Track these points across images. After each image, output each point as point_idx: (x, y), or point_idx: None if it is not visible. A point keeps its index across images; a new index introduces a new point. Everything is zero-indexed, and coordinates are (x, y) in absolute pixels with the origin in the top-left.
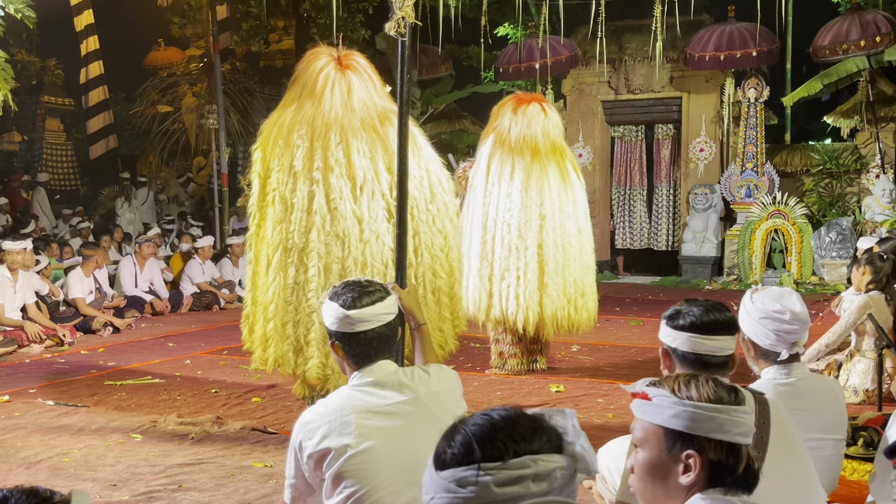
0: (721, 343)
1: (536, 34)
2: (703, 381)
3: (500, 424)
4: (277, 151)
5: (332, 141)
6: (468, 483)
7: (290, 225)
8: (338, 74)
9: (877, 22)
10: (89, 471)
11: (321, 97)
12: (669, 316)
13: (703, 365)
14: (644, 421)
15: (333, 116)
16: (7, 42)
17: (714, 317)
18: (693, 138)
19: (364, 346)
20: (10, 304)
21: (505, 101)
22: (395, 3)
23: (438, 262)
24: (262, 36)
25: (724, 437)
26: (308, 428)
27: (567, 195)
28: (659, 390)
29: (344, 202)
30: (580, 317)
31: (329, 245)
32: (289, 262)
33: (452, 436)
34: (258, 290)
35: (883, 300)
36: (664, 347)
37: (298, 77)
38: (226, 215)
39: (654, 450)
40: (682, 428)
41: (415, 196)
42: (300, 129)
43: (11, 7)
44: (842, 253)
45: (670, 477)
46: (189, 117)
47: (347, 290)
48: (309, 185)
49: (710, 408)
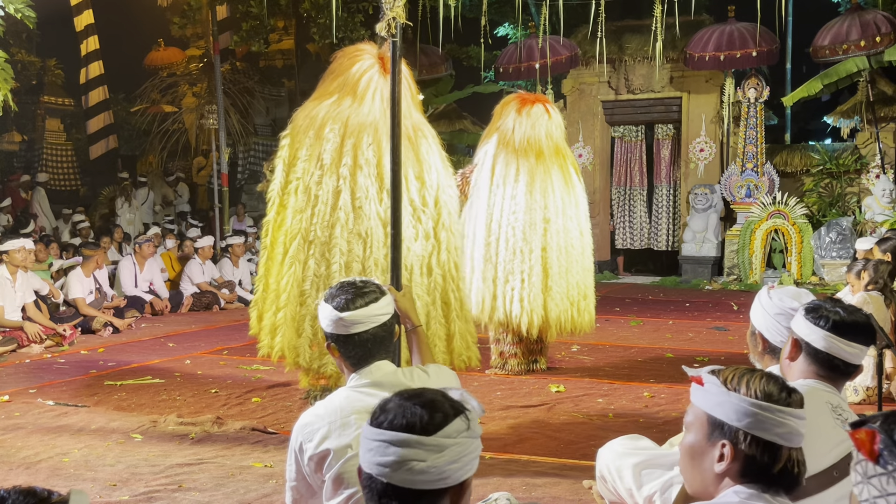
0: (857, 351)
1: (536, 34)
2: (757, 377)
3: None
4: (307, 142)
5: (365, 141)
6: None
7: (313, 217)
8: (381, 80)
9: (877, 22)
10: (89, 471)
11: (362, 99)
12: (810, 309)
13: (832, 367)
14: (694, 405)
15: (371, 119)
16: (7, 42)
17: (855, 319)
18: (693, 138)
19: (359, 347)
20: (10, 304)
21: (508, 101)
22: (386, 3)
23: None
24: (262, 36)
25: (762, 434)
26: (308, 430)
27: (570, 198)
28: (713, 378)
29: (369, 202)
30: (583, 319)
31: (351, 243)
32: (309, 255)
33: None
34: (271, 278)
35: (881, 300)
36: (794, 338)
37: (339, 72)
38: (226, 215)
39: (697, 434)
40: (722, 417)
41: (451, 213)
42: (333, 125)
43: (11, 7)
44: (842, 253)
45: (706, 462)
46: (189, 117)
47: (341, 292)
48: (336, 180)
49: (753, 403)
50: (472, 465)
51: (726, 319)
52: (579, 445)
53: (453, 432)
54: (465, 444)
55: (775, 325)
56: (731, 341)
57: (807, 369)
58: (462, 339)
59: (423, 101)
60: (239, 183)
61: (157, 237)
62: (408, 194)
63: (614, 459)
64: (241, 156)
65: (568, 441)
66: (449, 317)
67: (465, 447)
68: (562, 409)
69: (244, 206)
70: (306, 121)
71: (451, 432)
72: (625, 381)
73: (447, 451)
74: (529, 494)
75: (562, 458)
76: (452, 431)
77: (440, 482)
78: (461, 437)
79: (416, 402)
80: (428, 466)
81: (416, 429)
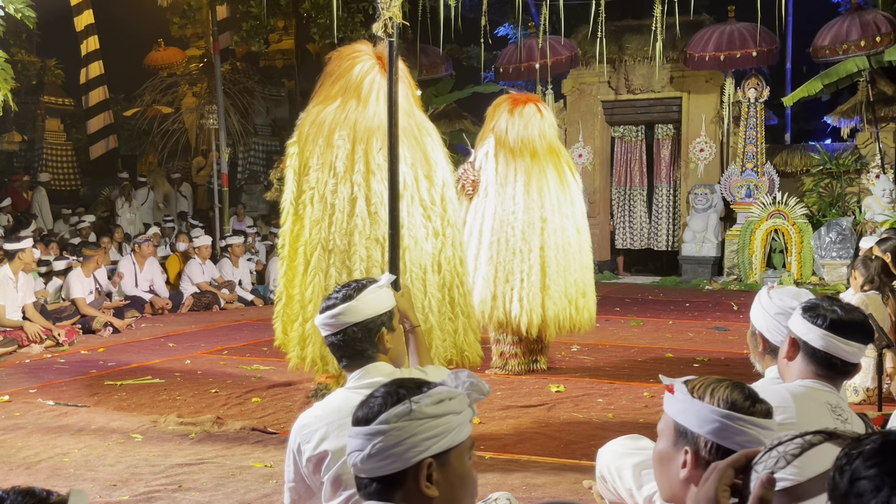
0: (855, 349)
1: (536, 34)
2: (723, 386)
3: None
4: (318, 150)
5: (375, 146)
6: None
7: (331, 226)
8: (383, 81)
9: (877, 22)
10: (89, 471)
11: (367, 102)
12: (807, 308)
13: (830, 366)
14: (665, 413)
15: (378, 123)
16: (7, 42)
17: (853, 317)
18: (693, 138)
19: (339, 349)
20: (12, 304)
21: (500, 102)
22: (382, 4)
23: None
24: (262, 36)
25: (722, 441)
26: (306, 431)
27: (565, 196)
28: (682, 386)
29: (384, 207)
30: (581, 317)
31: (369, 249)
32: (330, 264)
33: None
34: (294, 289)
35: (880, 299)
36: (792, 337)
37: (339, 75)
38: (226, 215)
39: (666, 440)
40: (686, 424)
41: (457, 208)
42: (342, 131)
43: (11, 7)
44: (842, 253)
45: (672, 469)
46: (189, 117)
47: (330, 296)
48: (350, 188)
49: (714, 410)
50: (423, 445)
51: (726, 319)
52: (579, 445)
53: (392, 418)
54: (406, 427)
55: (775, 325)
56: (731, 341)
57: (805, 369)
58: (465, 335)
59: (424, 101)
60: (239, 183)
61: (156, 237)
62: (418, 194)
63: (614, 459)
64: (241, 156)
65: (568, 441)
66: (454, 311)
67: (405, 431)
68: (562, 409)
69: (244, 206)
70: (313, 128)
71: (390, 418)
72: (625, 381)
73: (386, 436)
74: (529, 494)
75: (562, 458)
76: (391, 417)
77: (391, 466)
78: (401, 422)
79: (373, 395)
80: (367, 454)
81: (360, 421)
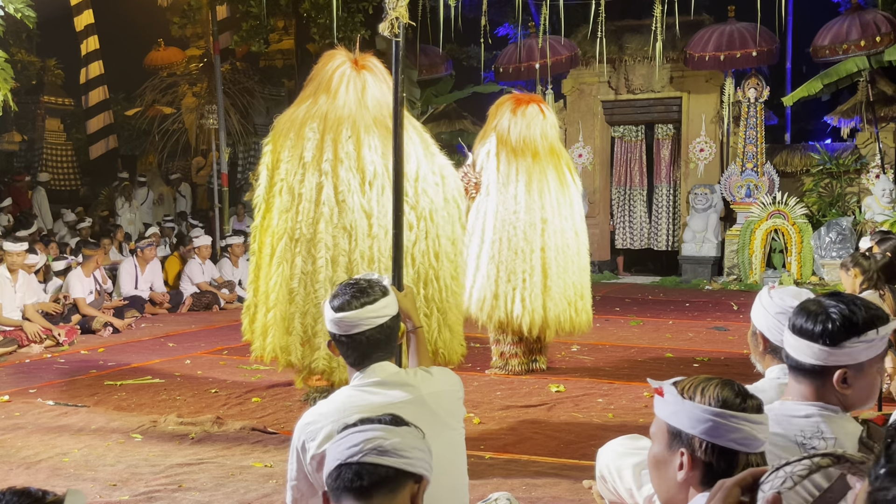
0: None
1: (536, 34)
2: (713, 385)
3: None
4: (288, 143)
5: (344, 134)
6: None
7: (297, 215)
8: (353, 73)
9: (877, 22)
10: (89, 471)
11: (336, 93)
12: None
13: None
14: (657, 416)
15: (347, 112)
16: (7, 42)
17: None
18: (693, 138)
19: (354, 348)
20: (10, 304)
21: (503, 101)
22: (389, 3)
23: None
24: (262, 36)
25: (717, 440)
26: (310, 429)
27: (565, 198)
28: (672, 388)
29: (352, 195)
30: (580, 318)
31: (336, 237)
32: (296, 252)
33: None
34: (260, 281)
35: (878, 298)
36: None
37: (314, 76)
38: (226, 215)
39: (660, 444)
40: (679, 426)
41: (433, 201)
42: (312, 123)
43: (11, 7)
44: (842, 253)
45: (669, 472)
46: (189, 117)
47: (342, 293)
48: (318, 175)
49: (706, 409)
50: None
51: (726, 319)
52: (579, 445)
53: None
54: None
55: (776, 325)
56: (731, 341)
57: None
58: (440, 332)
59: (423, 101)
60: (239, 183)
61: (156, 237)
62: (389, 184)
63: (614, 459)
64: (241, 156)
65: (568, 441)
66: (430, 308)
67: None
68: (562, 409)
69: (244, 206)
70: (287, 124)
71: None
72: (625, 381)
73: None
74: (529, 494)
75: (562, 458)
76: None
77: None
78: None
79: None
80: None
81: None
